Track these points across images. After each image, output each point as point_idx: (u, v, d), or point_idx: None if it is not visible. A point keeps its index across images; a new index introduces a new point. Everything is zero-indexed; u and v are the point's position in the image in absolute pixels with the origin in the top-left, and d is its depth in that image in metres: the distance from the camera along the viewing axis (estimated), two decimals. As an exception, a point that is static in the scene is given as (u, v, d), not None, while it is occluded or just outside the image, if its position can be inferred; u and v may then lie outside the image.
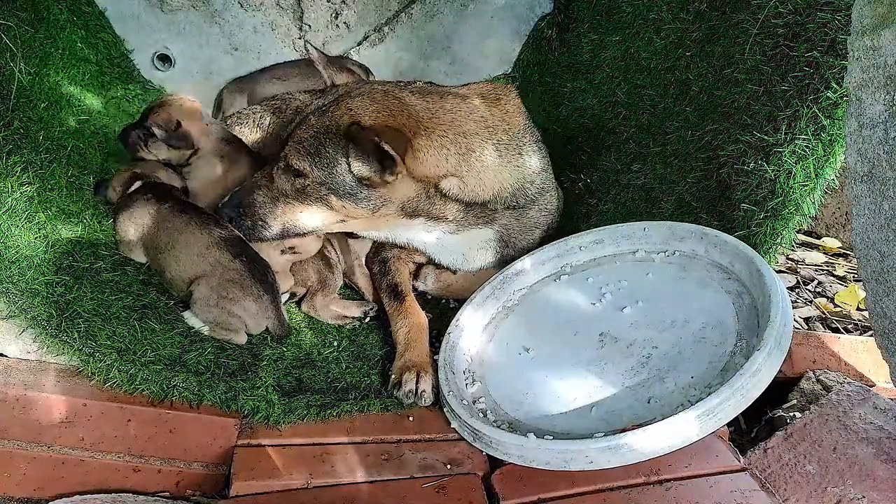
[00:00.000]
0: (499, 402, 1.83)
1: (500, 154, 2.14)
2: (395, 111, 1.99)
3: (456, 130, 2.05)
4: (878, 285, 1.56)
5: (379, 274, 2.38)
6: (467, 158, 2.06)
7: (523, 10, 3.44)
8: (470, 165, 2.07)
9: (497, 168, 2.13)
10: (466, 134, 2.07)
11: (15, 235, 1.90)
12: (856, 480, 1.67)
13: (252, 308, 2.01)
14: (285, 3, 3.24)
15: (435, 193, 2.08)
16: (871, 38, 1.46)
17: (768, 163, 1.87)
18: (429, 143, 2.00)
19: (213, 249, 2.04)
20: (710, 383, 1.59)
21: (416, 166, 1.98)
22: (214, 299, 1.98)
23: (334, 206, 2.03)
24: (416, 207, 2.09)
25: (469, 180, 2.08)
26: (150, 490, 1.75)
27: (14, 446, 1.71)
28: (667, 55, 2.49)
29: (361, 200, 2.01)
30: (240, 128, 2.86)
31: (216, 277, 2.01)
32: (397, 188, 2.01)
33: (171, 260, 2.08)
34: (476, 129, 2.10)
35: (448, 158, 2.03)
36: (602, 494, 1.63)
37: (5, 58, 2.14)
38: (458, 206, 2.13)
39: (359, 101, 2.00)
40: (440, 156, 2.02)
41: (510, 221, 2.28)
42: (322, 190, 2.01)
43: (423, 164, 2.00)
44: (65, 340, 1.80)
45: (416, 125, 1.99)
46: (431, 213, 2.12)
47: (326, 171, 1.98)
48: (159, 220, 2.14)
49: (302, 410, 1.84)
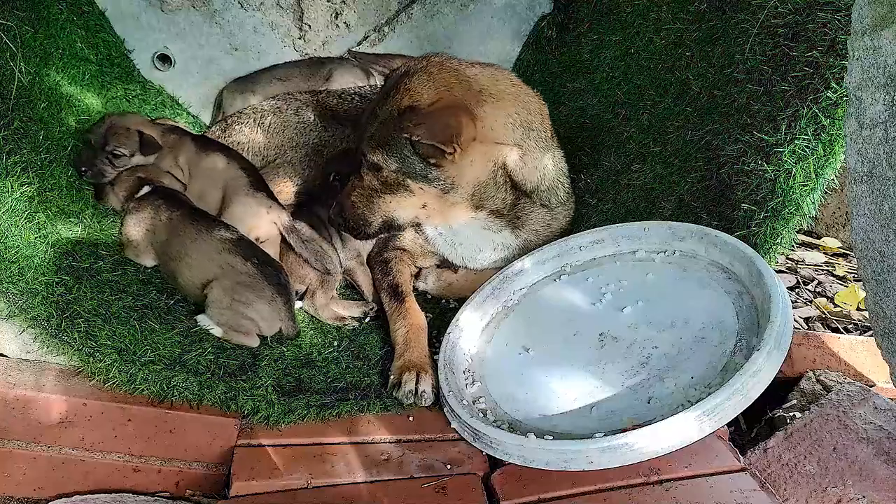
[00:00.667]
0: (499, 402, 1.83)
1: (545, 142, 2.21)
2: (454, 84, 2.03)
3: (519, 103, 2.12)
4: (878, 285, 1.56)
5: (381, 274, 2.38)
6: (528, 134, 2.14)
7: (523, 10, 3.44)
8: (529, 142, 2.14)
9: (543, 154, 2.20)
10: (529, 110, 2.14)
11: (15, 235, 1.90)
12: (856, 480, 1.67)
13: (265, 311, 2.01)
14: (285, 3, 3.24)
15: (501, 175, 2.12)
16: (871, 38, 1.46)
17: (768, 163, 1.87)
18: (494, 112, 2.05)
19: (223, 254, 2.05)
20: (710, 383, 1.59)
21: (484, 133, 2.02)
22: (227, 302, 1.99)
23: (413, 189, 2.09)
24: (484, 195, 2.13)
25: (527, 158, 2.14)
26: (150, 490, 1.75)
27: (14, 446, 1.71)
28: (667, 55, 2.49)
29: (433, 181, 2.05)
30: (240, 127, 2.86)
31: (229, 280, 2.01)
32: (466, 167, 2.04)
33: (183, 267, 2.09)
34: (533, 109, 2.17)
35: (514, 129, 2.09)
36: (602, 494, 1.63)
37: (5, 58, 2.14)
38: (512, 192, 2.18)
39: (416, 80, 2.03)
40: (506, 124, 2.07)
41: (538, 227, 2.32)
42: (399, 176, 2.07)
43: (492, 131, 2.04)
44: (65, 340, 1.80)
45: (479, 96, 2.04)
46: (492, 203, 2.17)
47: (397, 157, 2.03)
48: (171, 227, 2.15)
49: (302, 410, 1.84)
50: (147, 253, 2.21)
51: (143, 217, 2.21)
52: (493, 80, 2.10)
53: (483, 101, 2.03)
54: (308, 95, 2.97)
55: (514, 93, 2.12)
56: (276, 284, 2.04)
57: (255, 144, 2.80)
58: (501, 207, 2.20)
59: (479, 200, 2.15)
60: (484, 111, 2.02)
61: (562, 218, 2.39)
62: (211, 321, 2.01)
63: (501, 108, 2.06)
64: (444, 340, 2.04)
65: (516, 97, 2.12)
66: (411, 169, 2.04)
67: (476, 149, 2.03)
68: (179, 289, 2.12)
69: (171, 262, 2.13)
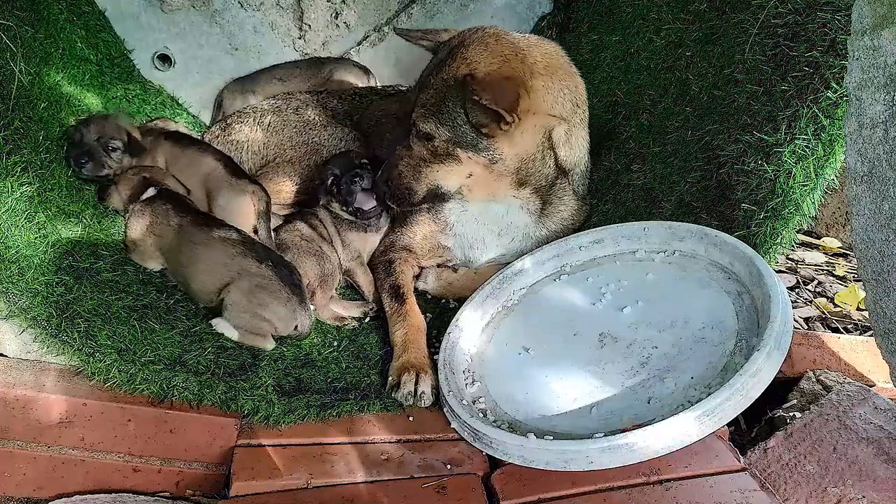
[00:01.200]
0: (499, 402, 1.83)
1: (585, 122, 2.27)
2: (510, 56, 2.06)
3: (569, 79, 2.17)
4: (878, 285, 1.56)
5: (383, 274, 2.38)
6: (575, 110, 2.19)
7: (523, 10, 3.44)
8: (575, 118, 2.19)
9: (583, 132, 2.27)
10: (577, 87, 2.20)
11: (15, 235, 1.89)
12: (856, 480, 1.67)
13: (281, 311, 2.02)
14: (285, 3, 3.24)
15: (547, 150, 2.16)
16: (871, 38, 1.46)
17: (768, 163, 1.87)
18: (547, 85, 2.09)
19: (237, 258, 2.05)
20: (710, 383, 1.59)
21: (537, 105, 2.07)
22: (245, 305, 1.99)
23: (462, 159, 2.12)
24: (528, 169, 2.17)
25: (572, 134, 2.20)
26: (150, 490, 1.75)
27: (14, 446, 1.71)
28: (667, 55, 2.49)
29: (482, 151, 2.09)
30: (240, 126, 2.86)
31: (246, 283, 2.01)
32: (517, 137, 2.08)
33: (195, 273, 2.09)
34: (580, 86, 2.22)
35: (564, 104, 2.13)
36: (602, 494, 1.63)
37: (5, 58, 2.14)
38: (554, 171, 2.23)
39: (473, 50, 2.05)
40: (557, 98, 2.12)
41: (565, 217, 2.37)
42: (450, 146, 2.11)
43: (543, 103, 2.09)
44: (65, 340, 1.80)
45: (533, 68, 2.07)
46: (535, 179, 2.21)
47: (449, 125, 2.07)
48: (182, 233, 2.14)
49: (302, 410, 1.84)
50: (154, 257, 2.20)
51: (149, 221, 2.20)
52: (546, 54, 2.14)
53: (537, 73, 2.07)
54: (308, 95, 2.97)
55: (565, 68, 2.18)
56: (290, 284, 2.04)
57: (255, 143, 2.80)
58: (544, 185, 2.25)
59: (524, 175, 2.19)
60: (537, 83, 2.07)
61: (583, 213, 2.44)
62: (228, 324, 2.01)
63: (554, 81, 2.11)
64: (444, 340, 2.04)
65: (567, 72, 2.18)
66: (463, 138, 2.08)
67: (529, 120, 2.07)
68: (192, 294, 2.12)
69: (182, 269, 2.12)
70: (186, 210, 2.22)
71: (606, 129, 2.70)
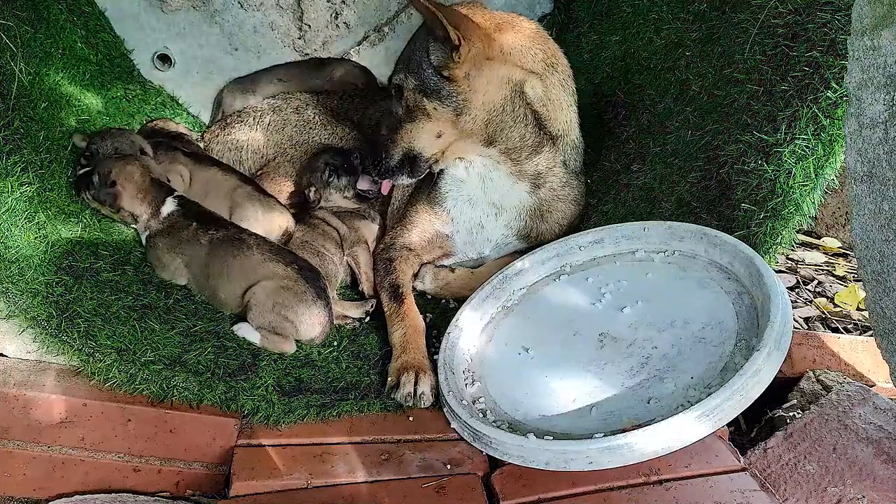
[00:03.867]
0: (498, 402, 1.83)
1: (571, 92, 2.32)
2: (477, 13, 2.17)
3: (544, 41, 2.25)
4: (878, 285, 1.56)
5: (383, 272, 2.38)
6: (551, 70, 2.24)
7: (523, 10, 3.42)
8: (553, 78, 2.23)
9: (569, 104, 2.31)
10: (551, 51, 2.26)
11: (15, 235, 1.89)
12: (856, 480, 1.67)
13: (305, 315, 2.03)
14: (285, 3, 3.23)
15: (519, 103, 2.18)
16: (871, 38, 1.45)
17: (768, 163, 1.87)
18: (515, 37, 2.16)
19: (266, 264, 2.07)
20: (710, 384, 1.59)
21: (503, 54, 2.13)
22: (270, 304, 2.00)
23: (429, 111, 2.16)
24: (499, 123, 2.19)
25: (551, 93, 2.22)
26: (150, 490, 1.76)
27: (14, 446, 1.71)
28: (667, 55, 2.49)
29: (446, 98, 2.13)
30: (240, 126, 2.86)
31: (271, 283, 2.03)
32: (479, 85, 2.12)
33: (223, 283, 2.10)
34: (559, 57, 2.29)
35: (535, 59, 2.19)
36: (602, 494, 1.63)
37: (5, 58, 2.14)
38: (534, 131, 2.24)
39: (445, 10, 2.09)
40: (526, 50, 2.17)
41: (555, 187, 2.38)
42: (418, 97, 2.16)
43: (513, 51, 2.15)
44: (65, 340, 1.80)
45: (500, 24, 2.17)
46: (509, 137, 2.22)
47: (416, 72, 2.14)
48: (212, 251, 2.12)
49: (302, 410, 1.84)
50: (184, 276, 2.18)
51: (181, 246, 2.15)
52: (515, 18, 2.24)
53: (503, 29, 2.15)
54: (308, 95, 2.97)
55: (536, 33, 2.24)
56: (315, 288, 2.06)
57: (255, 143, 2.80)
58: (520, 146, 2.25)
59: (494, 131, 2.21)
60: (502, 36, 2.14)
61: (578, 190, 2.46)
62: (250, 327, 2.02)
63: (521, 37, 2.17)
64: (444, 340, 2.04)
65: (538, 36, 2.23)
66: (427, 83, 2.13)
67: (489, 67, 2.12)
68: (218, 304, 2.13)
69: (211, 280, 2.12)
70: (210, 223, 2.19)
71: (606, 129, 2.70)
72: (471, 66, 2.09)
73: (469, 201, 2.41)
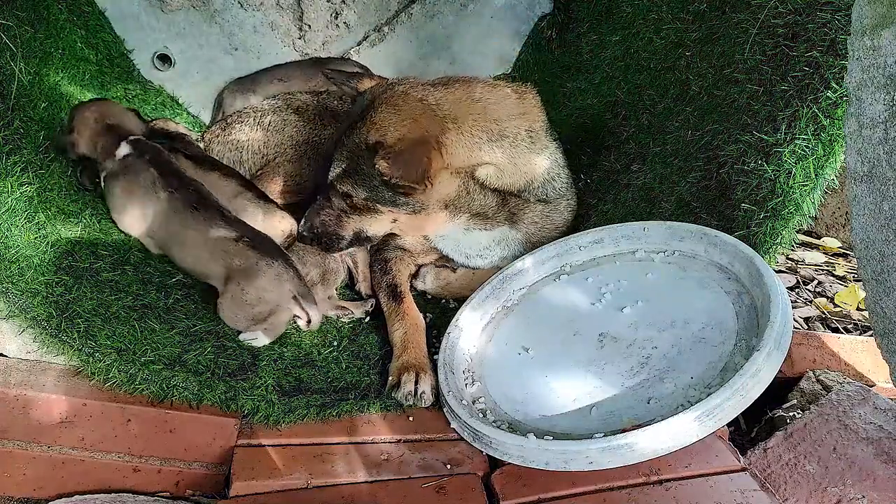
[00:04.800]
0: (498, 402, 1.83)
1: (532, 141, 2.20)
2: (419, 115, 2.02)
3: (487, 118, 2.10)
4: (878, 285, 1.56)
5: (380, 273, 2.38)
6: (501, 144, 2.12)
7: (523, 10, 3.44)
8: (504, 151, 2.13)
9: (530, 154, 2.20)
10: (499, 120, 2.12)
11: (15, 235, 1.89)
12: (856, 480, 1.67)
13: (263, 283, 1.98)
14: (285, 3, 3.24)
15: (474, 186, 2.15)
16: (871, 38, 1.45)
17: (768, 163, 1.87)
18: (459, 137, 2.05)
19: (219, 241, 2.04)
20: (710, 384, 1.59)
21: (451, 160, 2.05)
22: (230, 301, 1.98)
23: (383, 212, 2.16)
24: (458, 204, 2.17)
25: (505, 167, 2.15)
26: (150, 490, 1.75)
27: (14, 446, 1.71)
28: (667, 55, 2.49)
29: (402, 206, 2.12)
30: (240, 126, 2.86)
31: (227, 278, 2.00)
32: (434, 190, 2.08)
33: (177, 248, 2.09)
34: (508, 114, 2.15)
35: (481, 147, 2.09)
36: (602, 494, 1.63)
37: (5, 58, 2.14)
38: (496, 197, 2.20)
39: (382, 113, 2.04)
40: (472, 145, 2.07)
41: (538, 219, 2.33)
42: (369, 203, 2.14)
43: (458, 156, 2.06)
44: (65, 340, 1.80)
45: (443, 123, 2.03)
46: (473, 208, 2.20)
47: (367, 187, 2.10)
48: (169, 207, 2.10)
49: (302, 410, 1.84)
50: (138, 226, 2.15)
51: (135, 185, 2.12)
52: (456, 102, 2.08)
53: (447, 128, 2.04)
54: (309, 95, 2.97)
55: (479, 110, 2.09)
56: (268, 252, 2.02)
57: (255, 143, 2.80)
58: (484, 211, 2.22)
59: (455, 210, 2.19)
60: (449, 139, 2.03)
61: (563, 209, 2.40)
62: (251, 334, 2.01)
63: (465, 130, 2.06)
64: (444, 340, 2.04)
65: (483, 114, 2.09)
66: (380, 196, 2.10)
67: (444, 175, 2.06)
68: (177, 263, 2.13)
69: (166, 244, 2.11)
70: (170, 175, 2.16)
71: (606, 129, 2.70)
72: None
73: (455, 246, 2.39)
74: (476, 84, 2.17)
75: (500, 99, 2.16)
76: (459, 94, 2.11)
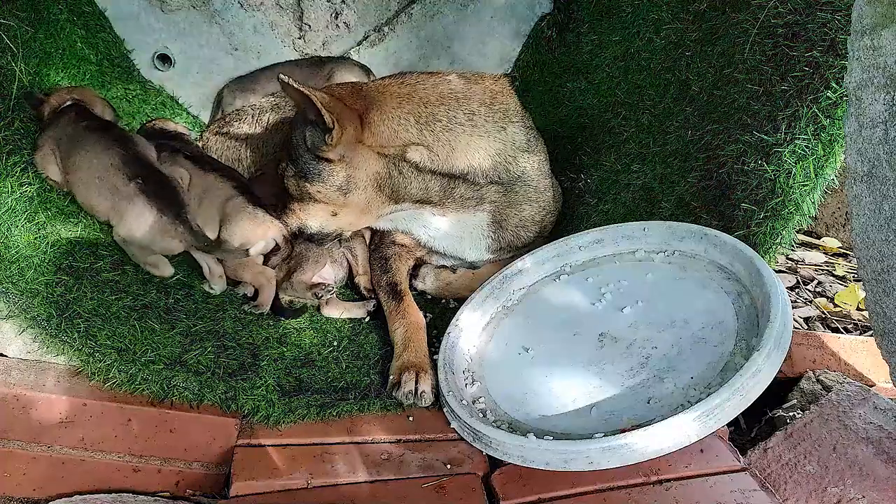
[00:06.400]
0: (498, 402, 1.83)
1: (473, 124, 2.19)
2: (345, 94, 2.10)
3: (414, 101, 2.15)
4: (878, 285, 1.56)
5: (380, 271, 2.39)
6: (431, 127, 2.14)
7: (523, 10, 3.44)
8: (436, 134, 2.15)
9: (469, 137, 2.19)
10: (428, 103, 2.16)
11: (15, 235, 1.90)
12: (856, 480, 1.67)
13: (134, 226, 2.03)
14: (285, 3, 3.23)
15: (407, 167, 2.15)
16: (871, 38, 1.46)
17: (768, 163, 1.87)
18: (381, 115, 2.10)
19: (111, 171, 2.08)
20: (710, 383, 1.59)
21: (374, 139, 2.09)
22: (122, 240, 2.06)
23: (314, 195, 2.15)
24: (393, 186, 2.16)
25: (438, 149, 2.15)
26: (150, 490, 1.75)
27: (14, 446, 1.71)
28: (667, 55, 2.49)
29: (327, 179, 2.11)
30: (239, 124, 2.85)
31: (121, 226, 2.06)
32: (358, 162, 2.10)
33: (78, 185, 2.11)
34: (441, 99, 2.18)
35: (408, 128, 2.12)
36: (602, 494, 1.63)
37: (5, 58, 2.14)
38: (437, 179, 2.19)
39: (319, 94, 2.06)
40: (398, 126, 2.11)
41: (498, 198, 2.30)
42: (300, 183, 2.15)
43: (380, 135, 2.09)
44: (65, 340, 1.80)
45: (366, 101, 2.10)
46: (412, 192, 2.19)
47: (294, 159, 2.15)
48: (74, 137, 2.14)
49: (302, 410, 1.84)
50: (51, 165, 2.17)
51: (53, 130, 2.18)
52: (384, 86, 2.17)
53: (370, 108, 2.10)
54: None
55: (406, 93, 2.16)
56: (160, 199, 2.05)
57: (254, 141, 2.80)
58: (427, 195, 2.21)
59: (393, 192, 2.18)
60: (372, 117, 2.09)
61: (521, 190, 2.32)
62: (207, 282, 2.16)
63: (388, 111, 2.11)
64: (444, 340, 2.04)
65: (409, 96, 2.14)
66: (306, 168, 2.12)
67: (365, 151, 2.09)
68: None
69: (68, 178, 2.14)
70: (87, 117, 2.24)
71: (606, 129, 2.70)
72: (345, 148, 2.06)
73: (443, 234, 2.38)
74: (417, 75, 2.26)
75: (435, 85, 2.21)
76: (389, 82, 2.21)
